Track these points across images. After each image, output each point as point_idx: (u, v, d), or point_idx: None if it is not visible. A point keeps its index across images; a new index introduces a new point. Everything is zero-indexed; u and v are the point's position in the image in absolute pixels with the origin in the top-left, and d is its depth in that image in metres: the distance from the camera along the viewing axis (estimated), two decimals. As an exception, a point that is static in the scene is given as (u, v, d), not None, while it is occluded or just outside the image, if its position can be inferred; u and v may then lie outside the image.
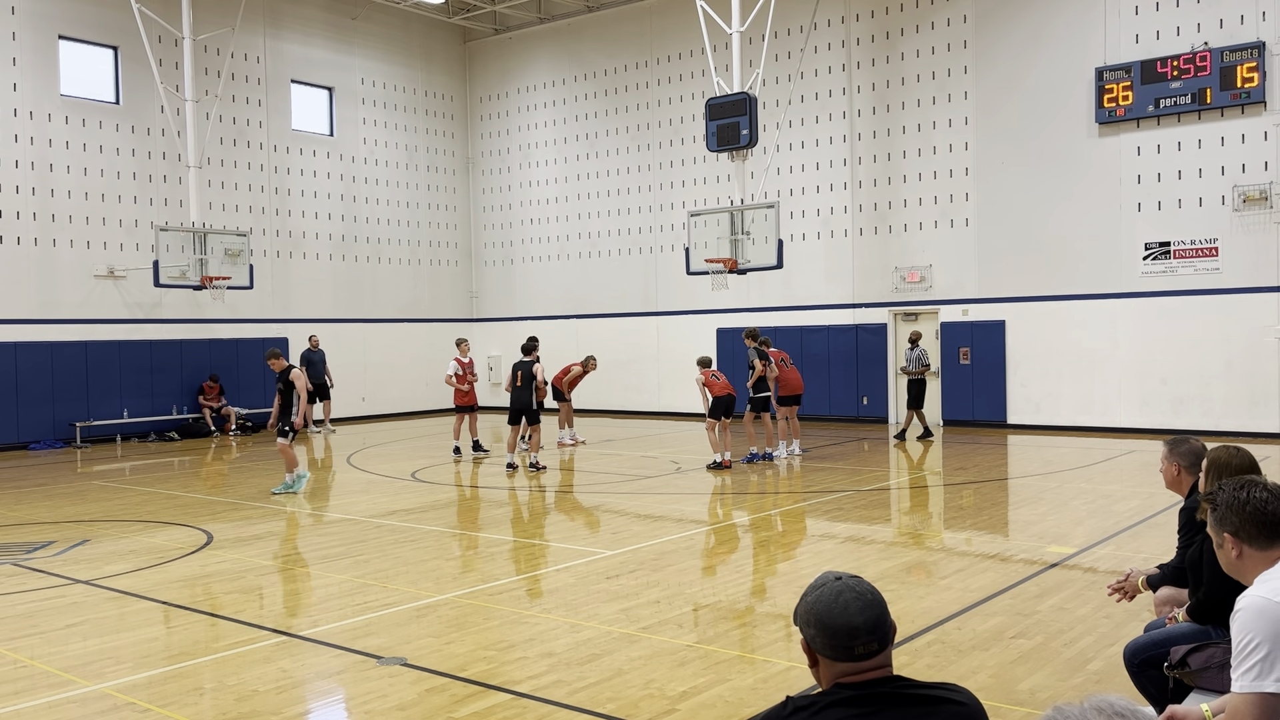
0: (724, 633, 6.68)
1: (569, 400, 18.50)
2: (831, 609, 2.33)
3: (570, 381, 18.35)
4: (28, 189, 19.54)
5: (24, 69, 19.52)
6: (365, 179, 25.17)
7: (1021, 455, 16.11)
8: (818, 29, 21.26)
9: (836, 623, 2.32)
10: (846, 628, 2.31)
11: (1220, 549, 3.17)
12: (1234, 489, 3.13)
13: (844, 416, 21.29)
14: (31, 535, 10.69)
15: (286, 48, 23.69)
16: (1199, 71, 17.22)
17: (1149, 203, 17.97)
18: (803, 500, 12.05)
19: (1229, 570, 3.19)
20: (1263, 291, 16.99)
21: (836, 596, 2.35)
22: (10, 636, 6.91)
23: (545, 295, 26.02)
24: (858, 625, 2.31)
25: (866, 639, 2.32)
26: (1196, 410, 17.58)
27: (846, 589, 2.36)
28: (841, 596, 2.34)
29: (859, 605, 2.33)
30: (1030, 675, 5.68)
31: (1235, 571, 3.16)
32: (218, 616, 7.32)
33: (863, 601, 2.34)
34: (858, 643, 2.31)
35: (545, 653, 6.27)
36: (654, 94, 24.00)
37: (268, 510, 12.02)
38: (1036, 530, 9.89)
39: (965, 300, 19.93)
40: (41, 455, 18.51)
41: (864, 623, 2.32)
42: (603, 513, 11.70)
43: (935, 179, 20.19)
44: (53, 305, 19.83)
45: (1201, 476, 4.58)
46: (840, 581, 2.38)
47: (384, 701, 5.47)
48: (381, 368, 23.37)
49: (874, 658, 2.33)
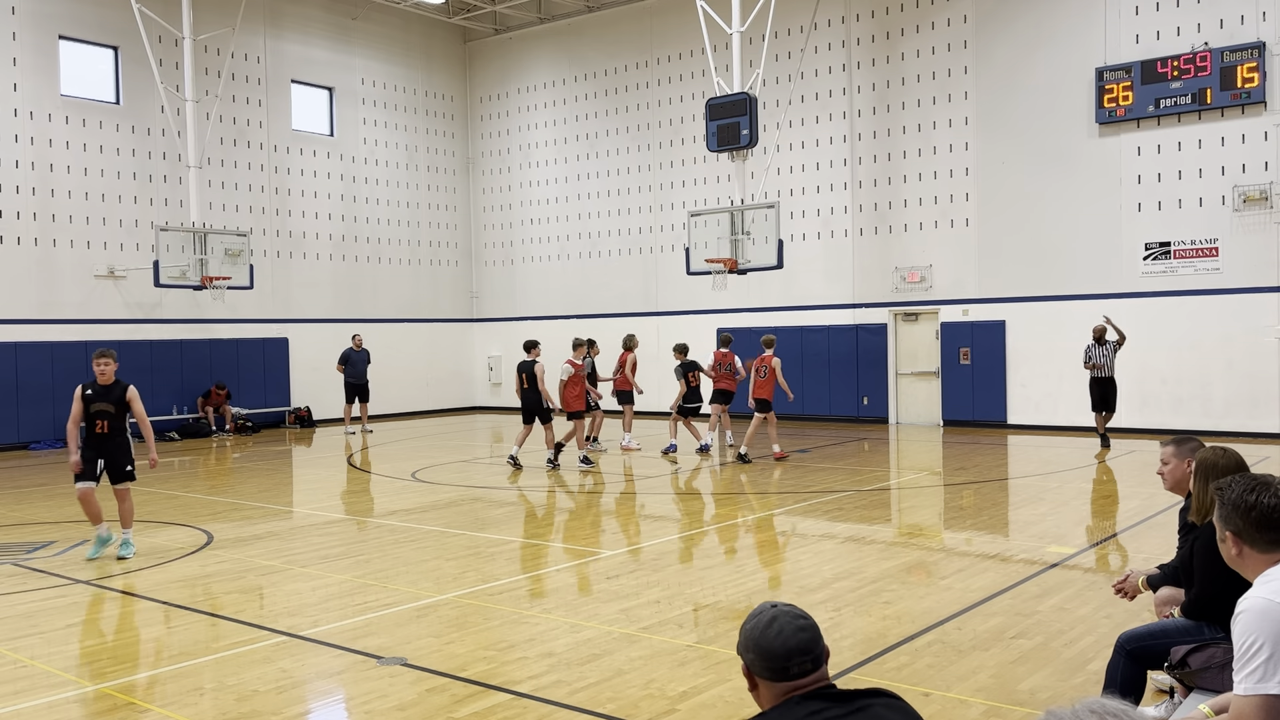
0: (724, 633, 6.68)
1: (632, 403, 17.57)
2: (767, 634, 2.50)
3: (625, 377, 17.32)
4: (28, 189, 19.53)
5: (24, 69, 19.52)
6: (365, 179, 25.17)
7: (1021, 455, 16.11)
8: (818, 29, 21.26)
9: (772, 646, 2.48)
10: (782, 650, 2.47)
11: (1223, 544, 3.18)
12: (1243, 490, 3.10)
13: (844, 416, 21.29)
14: (31, 535, 10.68)
15: (286, 48, 23.69)
16: (1199, 71, 17.22)
17: (1149, 203, 17.97)
18: (803, 500, 12.05)
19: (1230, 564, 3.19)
20: (1263, 291, 16.99)
21: (771, 622, 2.51)
22: (10, 636, 6.91)
23: (545, 295, 26.02)
24: (792, 647, 2.47)
25: (800, 659, 2.47)
26: (1196, 410, 17.57)
27: (781, 614, 2.53)
28: (776, 622, 2.51)
29: (792, 629, 2.49)
30: (1030, 675, 5.68)
31: (1235, 566, 3.17)
32: (218, 616, 7.31)
33: (795, 625, 2.50)
34: (792, 663, 2.47)
35: (545, 653, 6.27)
36: (654, 94, 24.00)
37: (268, 511, 12.02)
38: (1036, 530, 9.89)
39: (965, 300, 19.93)
40: (41, 455, 18.51)
41: (797, 644, 2.48)
42: (603, 513, 11.69)
43: (935, 179, 20.19)
44: (53, 305, 19.82)
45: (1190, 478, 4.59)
46: (775, 609, 2.55)
47: (384, 701, 5.47)
48: (381, 368, 23.36)
49: (808, 675, 2.48)
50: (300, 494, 14.03)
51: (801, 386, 21.83)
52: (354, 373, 21.33)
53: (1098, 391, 16.21)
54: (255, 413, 22.52)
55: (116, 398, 9.30)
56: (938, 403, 20.36)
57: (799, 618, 2.52)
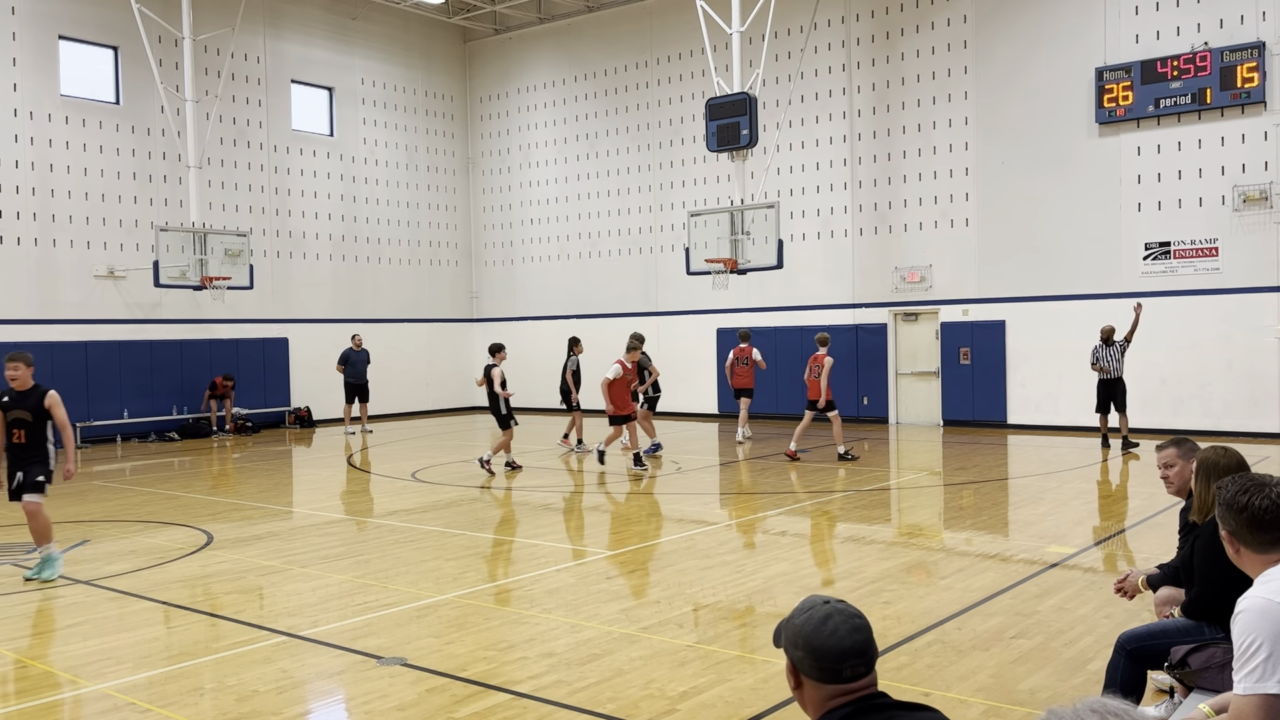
0: (724, 633, 6.68)
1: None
2: (820, 632, 2.35)
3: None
4: (28, 189, 19.53)
5: (24, 69, 19.52)
6: (365, 179, 25.17)
7: (1021, 455, 16.11)
8: (818, 29, 21.26)
9: (825, 645, 2.33)
10: (835, 650, 2.33)
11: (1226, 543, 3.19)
12: (1236, 491, 3.11)
13: (844, 417, 21.22)
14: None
15: (286, 48, 23.69)
16: (1199, 71, 17.22)
17: (1149, 203, 17.97)
18: (803, 500, 12.05)
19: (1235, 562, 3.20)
20: (1263, 291, 16.98)
21: (825, 620, 2.36)
22: (10, 636, 6.91)
23: (545, 295, 26.01)
24: (846, 648, 2.33)
25: (854, 661, 2.33)
26: (1196, 410, 17.57)
27: (835, 612, 2.37)
28: (830, 620, 2.36)
29: (847, 629, 2.35)
30: (1030, 675, 5.68)
31: (1238, 564, 3.18)
32: (218, 616, 7.31)
33: (851, 625, 2.36)
34: (846, 665, 2.33)
35: (545, 653, 6.27)
36: (654, 94, 24.00)
37: (268, 511, 12.02)
38: (1036, 530, 9.89)
39: (965, 300, 19.93)
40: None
41: (852, 646, 2.33)
42: (603, 513, 11.69)
43: (935, 179, 20.18)
44: (53, 305, 19.82)
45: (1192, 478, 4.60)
46: (829, 605, 2.39)
47: (384, 701, 5.47)
48: (381, 368, 23.35)
49: (860, 679, 2.35)
50: (300, 494, 14.03)
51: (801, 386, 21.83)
52: (354, 373, 21.35)
53: (1103, 393, 16.02)
54: (255, 413, 22.51)
55: (34, 404, 8.54)
56: (938, 403, 20.36)
57: (854, 616, 2.38)
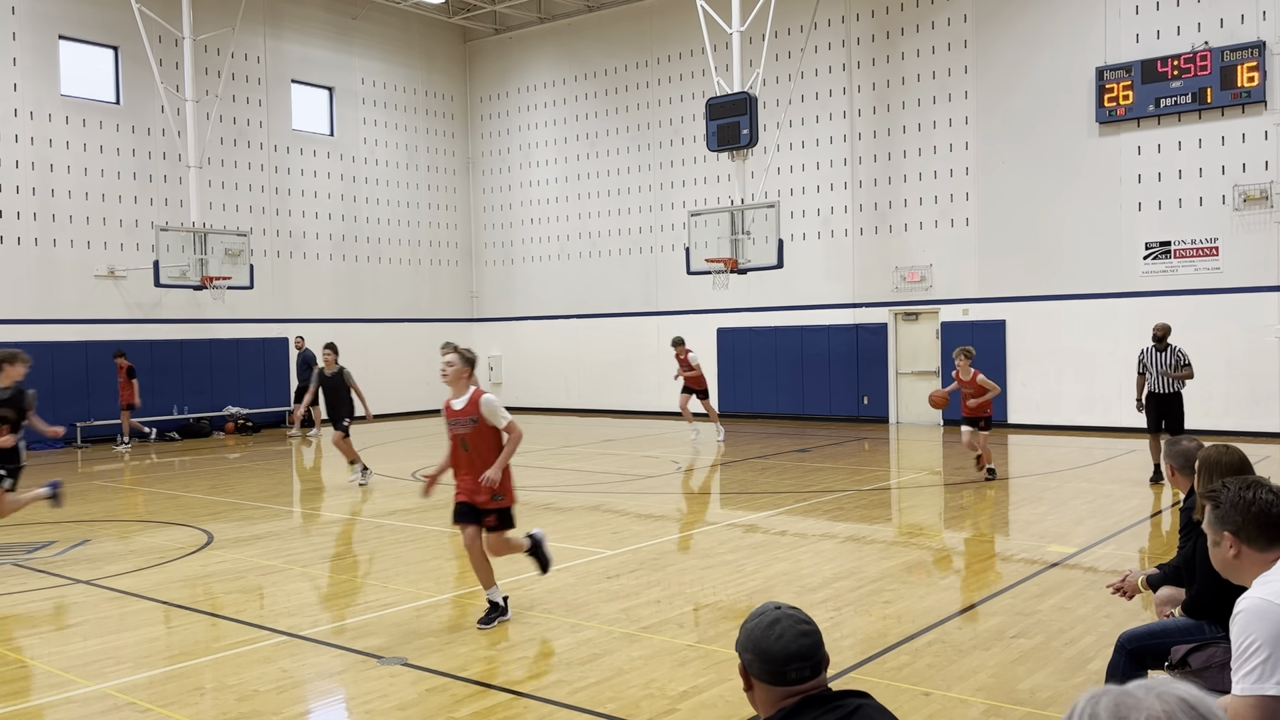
0: (724, 633, 6.68)
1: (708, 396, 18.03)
2: (768, 636, 2.44)
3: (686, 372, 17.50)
4: (28, 189, 19.53)
5: (24, 69, 19.52)
6: (365, 179, 25.17)
7: (1021, 455, 16.10)
8: (818, 29, 21.25)
9: (772, 649, 2.42)
10: (781, 654, 2.41)
11: (1216, 547, 3.15)
12: (1240, 488, 3.10)
13: (844, 416, 21.28)
14: (31, 535, 10.69)
15: (286, 48, 23.69)
16: (1199, 71, 17.22)
17: (1149, 202, 17.97)
18: (803, 500, 12.05)
19: (1221, 569, 3.17)
20: (1263, 291, 16.98)
21: (773, 625, 2.45)
22: (10, 636, 6.91)
23: (545, 295, 26.01)
24: (792, 652, 2.41)
25: (799, 665, 2.42)
26: (1196, 410, 17.48)
27: (784, 618, 2.46)
28: (778, 625, 2.45)
29: (794, 634, 2.43)
30: (1031, 675, 5.68)
31: (1228, 570, 3.14)
32: (218, 616, 7.31)
33: (797, 630, 2.44)
34: (791, 668, 2.41)
35: (545, 653, 6.27)
36: (654, 94, 23.99)
37: (268, 510, 12.02)
38: (1036, 530, 9.89)
39: (965, 300, 19.93)
40: (41, 455, 18.49)
41: (798, 650, 2.42)
42: (603, 513, 11.69)
43: (935, 179, 20.18)
44: (53, 305, 19.82)
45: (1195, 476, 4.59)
46: (779, 611, 2.49)
47: (384, 701, 5.47)
48: (381, 368, 23.35)
49: (806, 682, 2.43)
50: (300, 494, 14.03)
51: (801, 386, 21.85)
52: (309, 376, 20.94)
53: (1153, 409, 12.93)
54: (255, 413, 22.51)
55: None
56: (938, 402, 20.34)
57: (802, 622, 2.46)
